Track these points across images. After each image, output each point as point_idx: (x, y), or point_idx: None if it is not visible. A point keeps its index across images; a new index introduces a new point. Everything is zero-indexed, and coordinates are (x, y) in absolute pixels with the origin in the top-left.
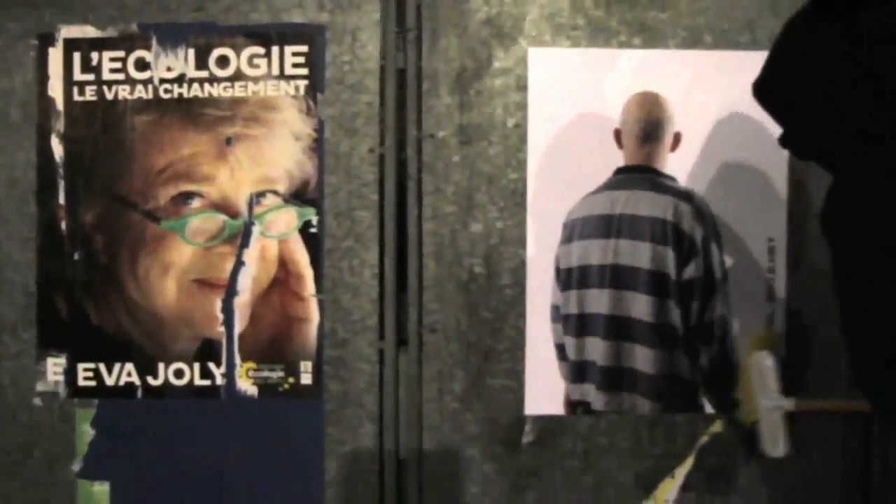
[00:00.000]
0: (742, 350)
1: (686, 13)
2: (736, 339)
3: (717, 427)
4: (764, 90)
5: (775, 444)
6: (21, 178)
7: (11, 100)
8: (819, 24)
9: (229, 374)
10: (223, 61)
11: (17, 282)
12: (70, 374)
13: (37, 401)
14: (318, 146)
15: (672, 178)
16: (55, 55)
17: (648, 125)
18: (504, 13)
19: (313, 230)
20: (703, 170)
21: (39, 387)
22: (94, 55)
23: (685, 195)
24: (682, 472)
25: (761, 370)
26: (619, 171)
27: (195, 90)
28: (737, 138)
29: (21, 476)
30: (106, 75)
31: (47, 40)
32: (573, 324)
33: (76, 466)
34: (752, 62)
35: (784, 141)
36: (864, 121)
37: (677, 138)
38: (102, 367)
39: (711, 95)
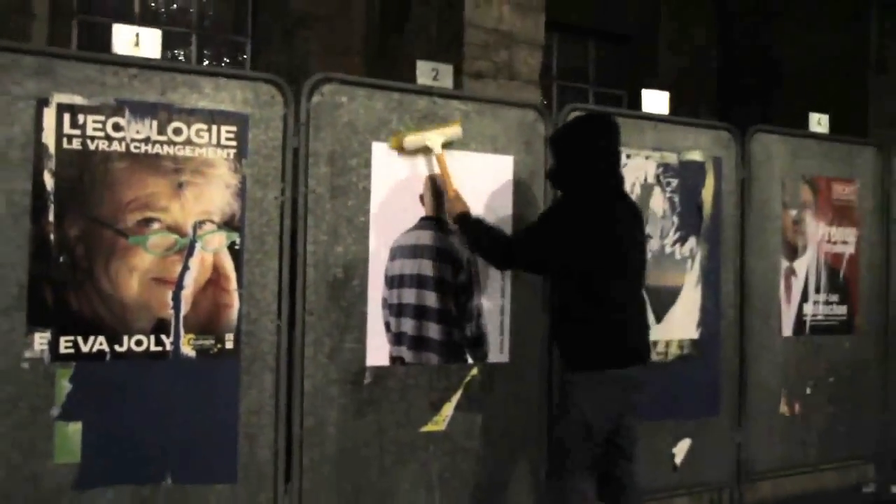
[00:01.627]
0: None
1: (452, 124)
2: (484, 318)
3: (475, 371)
4: (553, 149)
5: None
6: (18, 201)
7: (12, 144)
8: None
9: (176, 343)
10: (178, 131)
11: (11, 277)
12: (53, 344)
13: (24, 365)
14: (241, 193)
15: (447, 224)
16: (49, 114)
17: (437, 193)
18: (359, 120)
19: (237, 247)
20: None
21: (27, 354)
22: (81, 117)
23: (451, 230)
24: (455, 398)
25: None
26: (422, 219)
27: (157, 149)
28: (484, 202)
29: (9, 422)
30: (89, 132)
31: (43, 103)
32: (394, 309)
33: (55, 412)
34: (494, 161)
35: (551, 177)
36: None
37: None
38: (80, 339)
39: (475, 178)
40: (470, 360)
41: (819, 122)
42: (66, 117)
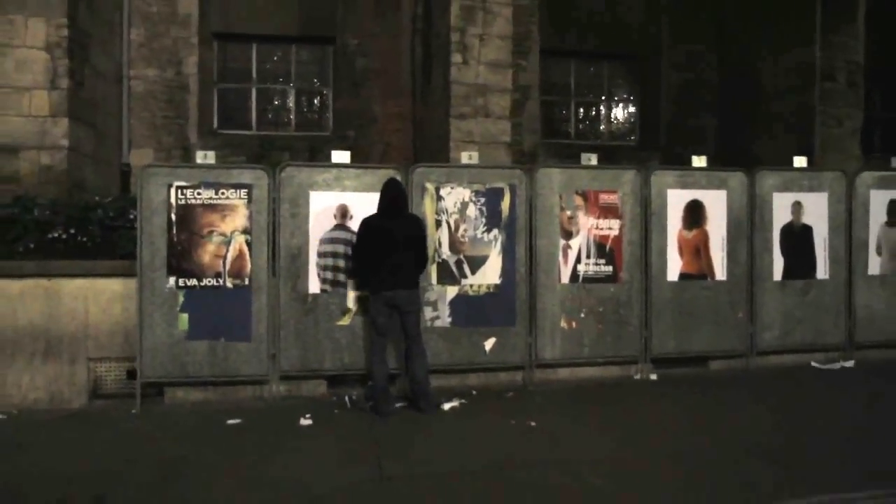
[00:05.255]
0: None
1: (350, 182)
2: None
3: (363, 296)
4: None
5: None
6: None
7: (165, 203)
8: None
9: (224, 281)
10: (223, 193)
11: (160, 255)
12: (177, 282)
13: (166, 290)
14: (251, 217)
15: (349, 228)
16: (173, 189)
17: (343, 212)
18: (303, 181)
19: (249, 241)
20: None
21: (167, 285)
22: (184, 190)
23: (352, 231)
24: (353, 309)
25: None
26: (335, 226)
27: (215, 201)
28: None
29: (165, 310)
30: (188, 196)
31: (170, 185)
32: (322, 268)
33: (178, 308)
34: (375, 197)
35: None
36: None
37: (352, 216)
38: (186, 280)
39: (366, 206)
40: (360, 292)
41: (590, 160)
42: (179, 191)
